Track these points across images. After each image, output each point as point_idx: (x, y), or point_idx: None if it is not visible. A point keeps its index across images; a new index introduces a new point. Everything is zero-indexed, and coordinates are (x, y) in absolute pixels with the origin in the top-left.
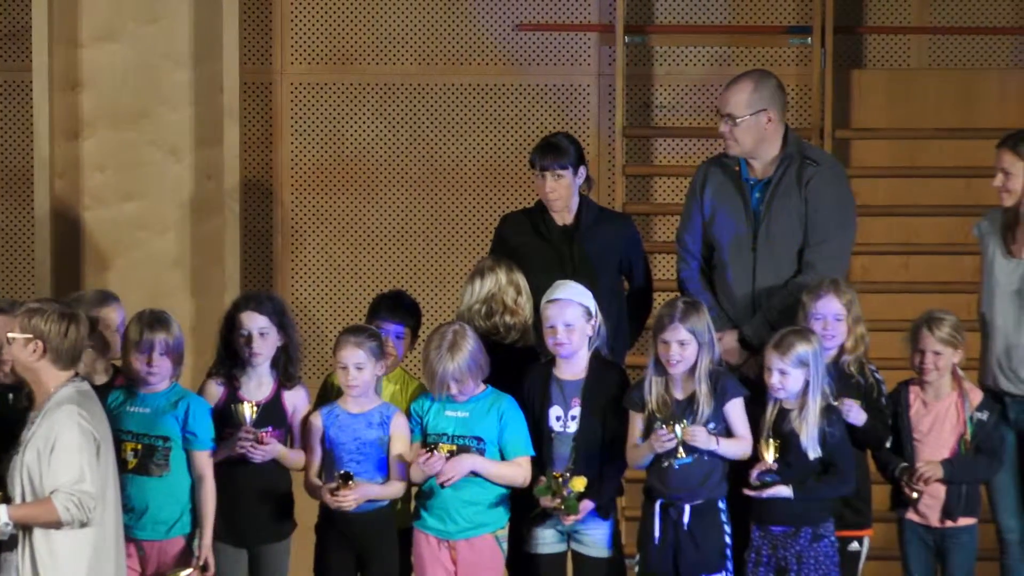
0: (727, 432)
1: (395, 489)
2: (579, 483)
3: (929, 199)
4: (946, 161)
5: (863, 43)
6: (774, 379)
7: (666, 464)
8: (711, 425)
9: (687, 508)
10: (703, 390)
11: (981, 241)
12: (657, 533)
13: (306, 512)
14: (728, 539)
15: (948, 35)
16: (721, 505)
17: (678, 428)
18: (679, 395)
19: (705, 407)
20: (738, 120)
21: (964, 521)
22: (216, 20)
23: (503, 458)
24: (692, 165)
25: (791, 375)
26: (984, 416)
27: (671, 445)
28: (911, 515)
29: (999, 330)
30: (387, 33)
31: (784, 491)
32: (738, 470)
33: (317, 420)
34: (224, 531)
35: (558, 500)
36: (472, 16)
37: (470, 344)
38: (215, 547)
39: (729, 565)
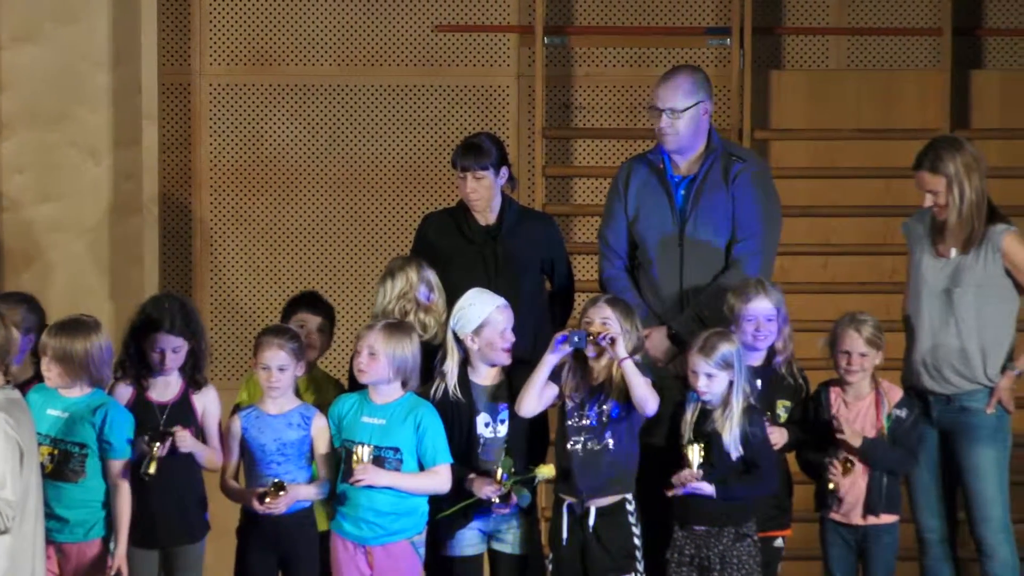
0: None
1: (321, 490)
2: (547, 470)
3: (848, 199)
4: (865, 161)
5: (782, 44)
6: (700, 383)
7: (571, 451)
8: (616, 412)
9: (592, 509)
10: (618, 375)
11: (909, 240)
12: (565, 534)
13: (223, 513)
14: (637, 540)
15: (866, 36)
16: (629, 507)
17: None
18: (593, 381)
19: (617, 390)
20: (681, 112)
21: (886, 518)
22: (135, 21)
23: (422, 467)
24: (612, 166)
25: (717, 377)
26: (903, 413)
27: (576, 340)
28: (834, 514)
29: (925, 329)
30: (306, 34)
31: (707, 488)
32: (660, 470)
33: (236, 422)
34: (135, 532)
35: (499, 486)
36: (391, 17)
37: (414, 341)
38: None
39: (639, 566)
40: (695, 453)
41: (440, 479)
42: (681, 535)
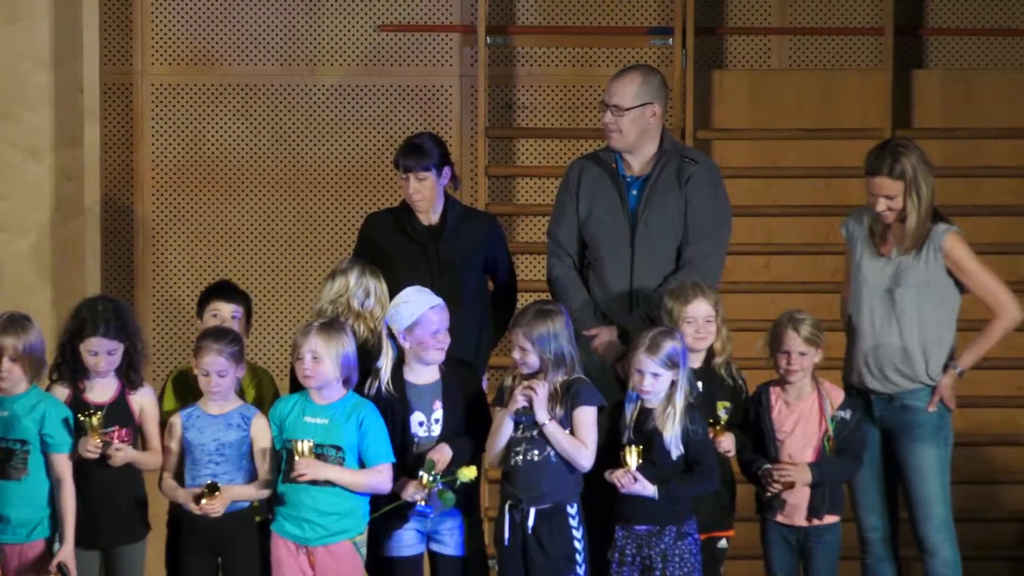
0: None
1: (260, 490)
2: (469, 472)
3: (790, 199)
4: (807, 161)
5: (724, 44)
6: (645, 382)
7: (513, 462)
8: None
9: (532, 512)
10: (549, 390)
11: (849, 239)
12: (506, 535)
13: (163, 513)
14: (577, 543)
15: (808, 36)
16: (570, 510)
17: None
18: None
19: (552, 408)
20: (625, 111)
21: (828, 519)
22: (76, 21)
23: (363, 466)
24: (554, 166)
25: (662, 376)
26: (847, 415)
27: (522, 402)
28: (777, 516)
29: (867, 329)
30: (248, 34)
31: (648, 489)
32: (600, 470)
33: (176, 422)
34: (77, 532)
35: (426, 491)
36: (333, 17)
37: (349, 336)
38: None
39: (579, 570)
40: (633, 456)
41: (382, 478)
42: (622, 535)
